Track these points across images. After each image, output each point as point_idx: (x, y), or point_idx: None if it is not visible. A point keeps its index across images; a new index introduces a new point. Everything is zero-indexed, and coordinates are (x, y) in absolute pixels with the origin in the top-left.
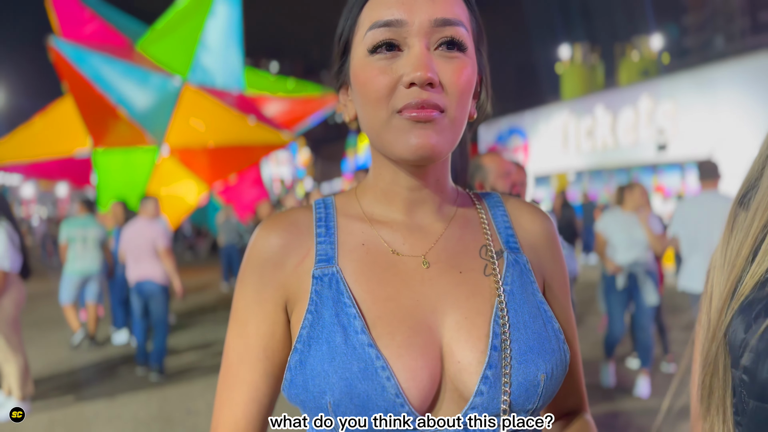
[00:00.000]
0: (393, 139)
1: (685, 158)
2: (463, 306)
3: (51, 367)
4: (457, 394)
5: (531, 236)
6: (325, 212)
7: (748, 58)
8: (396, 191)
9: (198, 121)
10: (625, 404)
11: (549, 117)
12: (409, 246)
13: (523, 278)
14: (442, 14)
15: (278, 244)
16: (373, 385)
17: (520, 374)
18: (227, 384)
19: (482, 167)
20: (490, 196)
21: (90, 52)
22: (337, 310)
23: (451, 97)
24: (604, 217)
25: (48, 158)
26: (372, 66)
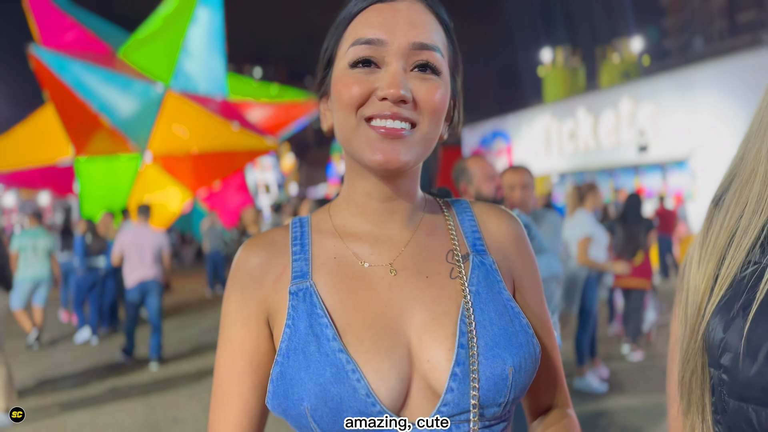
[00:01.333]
0: (361, 147)
1: (666, 159)
2: (430, 308)
3: (35, 377)
4: (430, 392)
5: (498, 238)
6: (300, 230)
7: (727, 60)
8: (368, 202)
9: (181, 127)
10: (610, 403)
11: (532, 120)
12: (377, 255)
13: (489, 278)
14: (420, 39)
15: (258, 263)
16: (344, 388)
17: (487, 369)
18: (218, 399)
19: (467, 171)
20: (458, 203)
21: (71, 59)
22: (311, 321)
23: (424, 113)
24: (585, 220)
25: (29, 167)
26: (350, 77)
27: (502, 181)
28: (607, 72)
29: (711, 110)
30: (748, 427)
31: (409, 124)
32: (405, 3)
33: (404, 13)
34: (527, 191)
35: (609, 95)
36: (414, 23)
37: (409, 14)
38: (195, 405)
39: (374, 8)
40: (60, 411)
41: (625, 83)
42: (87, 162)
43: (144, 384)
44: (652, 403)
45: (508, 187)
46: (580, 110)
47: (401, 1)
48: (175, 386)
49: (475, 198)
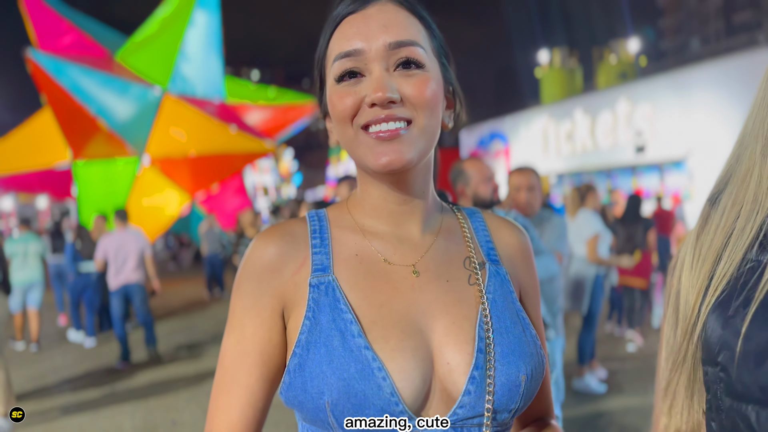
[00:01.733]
0: (363, 154)
1: (663, 160)
2: (450, 312)
3: (33, 381)
4: (446, 394)
5: (508, 249)
6: (319, 224)
7: (724, 61)
8: (384, 206)
9: (179, 130)
10: (608, 403)
11: (529, 121)
12: (400, 256)
13: (504, 288)
14: (396, 38)
15: (276, 253)
16: (369, 385)
17: (503, 375)
18: (223, 388)
19: (464, 173)
20: (470, 211)
21: (68, 63)
22: (334, 315)
23: (417, 108)
24: (592, 219)
25: (27, 171)
26: (340, 91)
27: (509, 182)
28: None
29: (708, 111)
30: (745, 426)
31: (404, 122)
32: (375, 7)
33: (376, 18)
34: (533, 193)
35: (606, 96)
36: (387, 24)
37: (381, 17)
38: (194, 408)
39: (347, 20)
40: (59, 415)
41: (622, 84)
42: (85, 166)
43: (143, 387)
44: (650, 404)
45: (513, 189)
46: (578, 111)
47: (372, 6)
48: (174, 389)
49: (473, 200)
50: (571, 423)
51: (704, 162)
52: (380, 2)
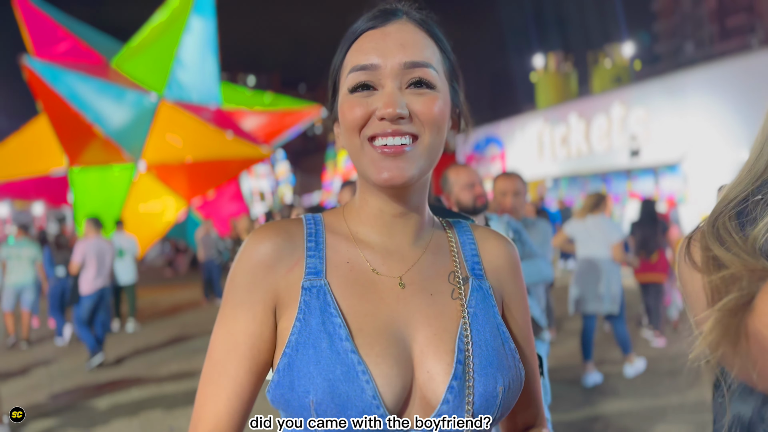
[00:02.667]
0: (366, 166)
1: (658, 163)
2: (432, 324)
3: (29, 393)
4: (425, 402)
5: (496, 261)
6: (315, 228)
7: (718, 64)
8: (380, 216)
9: (175, 136)
10: (605, 407)
11: (524, 125)
12: (388, 267)
13: (486, 302)
14: (411, 58)
15: (271, 249)
16: (353, 387)
17: (480, 386)
18: (212, 378)
19: (447, 180)
20: (460, 225)
21: (64, 70)
22: (324, 319)
23: (424, 126)
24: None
25: (23, 177)
26: (351, 101)
27: (494, 187)
28: (598, 77)
29: (702, 114)
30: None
31: (410, 138)
32: (395, 26)
33: (394, 36)
34: (519, 198)
35: (601, 100)
36: (404, 44)
37: (399, 36)
38: (191, 414)
39: (367, 35)
40: (57, 426)
41: (616, 88)
42: (81, 172)
43: (139, 393)
44: (646, 407)
45: (499, 193)
46: (573, 115)
47: (391, 25)
48: (172, 395)
49: (456, 206)
50: (566, 426)
51: (699, 165)
52: (400, 21)
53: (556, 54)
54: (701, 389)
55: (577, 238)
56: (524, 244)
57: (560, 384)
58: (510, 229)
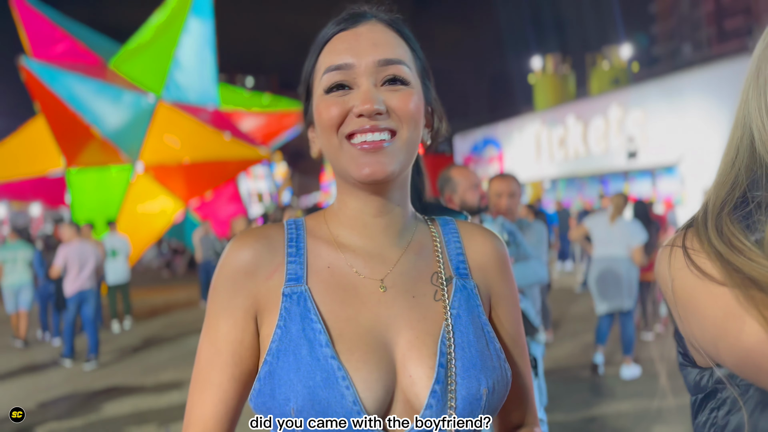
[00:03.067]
0: (347, 164)
1: (655, 165)
2: (414, 327)
3: (23, 394)
4: (409, 406)
5: (481, 259)
6: (296, 233)
7: (715, 66)
8: (360, 217)
9: (173, 137)
10: (601, 409)
11: (522, 127)
12: (369, 270)
13: (470, 302)
14: (385, 55)
15: (251, 256)
16: (333, 393)
17: (463, 389)
18: (197, 386)
19: (451, 180)
20: (445, 222)
21: (62, 71)
22: (304, 325)
23: (402, 120)
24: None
25: (21, 178)
26: (327, 101)
27: (490, 189)
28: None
29: (699, 116)
30: None
31: (388, 133)
32: (366, 26)
33: (366, 36)
34: (514, 199)
35: (598, 102)
36: (376, 43)
37: (371, 35)
38: None
39: (339, 36)
40: (52, 418)
41: (614, 90)
42: (78, 173)
43: (137, 393)
44: (642, 408)
45: (495, 195)
46: (570, 117)
47: (362, 25)
48: (168, 396)
49: (460, 206)
50: (563, 427)
51: (696, 167)
52: (370, 22)
53: (554, 56)
54: None
55: (597, 237)
56: (519, 246)
57: (557, 385)
58: (504, 231)
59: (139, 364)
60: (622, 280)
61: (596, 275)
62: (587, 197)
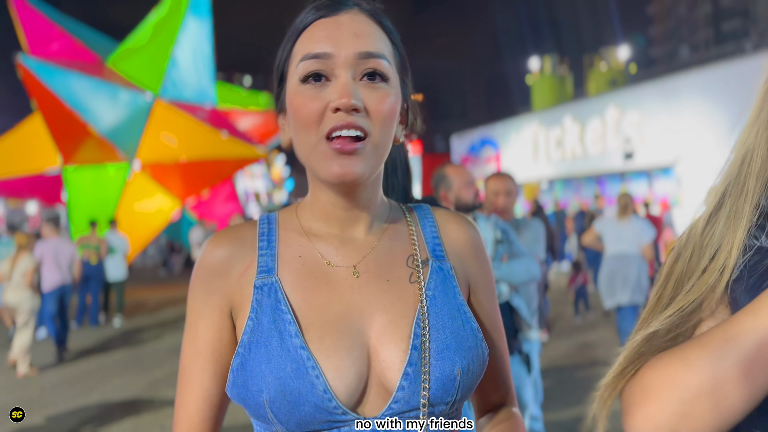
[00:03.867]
0: (318, 164)
1: (652, 166)
2: (388, 311)
3: (18, 388)
4: (383, 389)
5: (457, 244)
6: (267, 227)
7: (712, 68)
8: (332, 210)
9: (170, 136)
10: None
11: (519, 128)
12: (342, 257)
13: (446, 283)
14: (365, 48)
15: (223, 256)
16: (303, 383)
17: (437, 370)
18: (182, 386)
19: (446, 178)
20: (420, 208)
21: (59, 68)
22: (275, 316)
23: (375, 122)
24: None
25: (17, 176)
26: (303, 94)
27: (486, 187)
28: (594, 80)
29: (696, 117)
30: None
31: (362, 132)
32: (348, 15)
33: (348, 25)
34: (510, 198)
35: (595, 103)
36: (358, 34)
37: (353, 26)
38: None
39: (319, 23)
40: (44, 421)
41: (611, 91)
42: (75, 171)
43: (131, 391)
44: None
45: (492, 194)
46: (567, 118)
47: (344, 14)
48: (164, 394)
49: (455, 204)
50: (557, 426)
51: (692, 168)
52: (352, 11)
53: (551, 57)
54: None
55: (607, 237)
56: (511, 244)
57: (552, 384)
58: (497, 229)
59: (132, 359)
60: (631, 277)
61: (607, 272)
62: (584, 198)
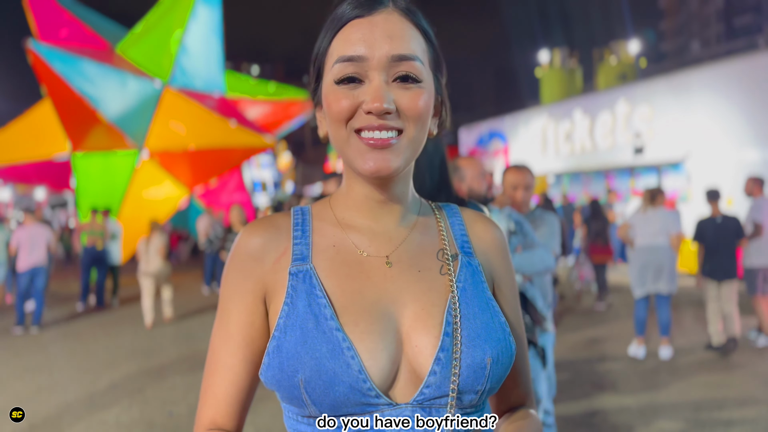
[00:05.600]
0: (353, 158)
1: (662, 161)
2: (420, 299)
3: (28, 368)
4: (414, 375)
5: (483, 243)
6: (302, 218)
7: (723, 63)
8: (364, 202)
9: (178, 124)
10: (603, 402)
11: (528, 121)
12: (375, 248)
13: (475, 278)
14: (399, 51)
15: (259, 243)
16: (339, 363)
17: (468, 357)
18: (211, 369)
19: (459, 169)
20: (448, 207)
21: (69, 54)
22: (310, 301)
23: (409, 120)
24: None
25: (26, 162)
26: (337, 93)
27: (504, 180)
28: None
29: (707, 113)
30: None
31: (395, 131)
32: (382, 15)
33: (381, 26)
34: (528, 192)
35: (605, 97)
36: (392, 36)
37: (386, 27)
38: (191, 400)
39: (353, 24)
40: (55, 406)
41: (621, 85)
42: (84, 157)
43: (139, 379)
44: (644, 403)
45: (510, 187)
46: (577, 112)
47: (378, 14)
48: (171, 381)
49: (468, 195)
50: (565, 420)
51: (702, 164)
52: (387, 10)
53: (561, 50)
54: (697, 387)
55: (637, 228)
56: (525, 236)
57: (559, 379)
58: (511, 221)
59: (140, 345)
60: (665, 267)
61: (639, 263)
62: (592, 192)
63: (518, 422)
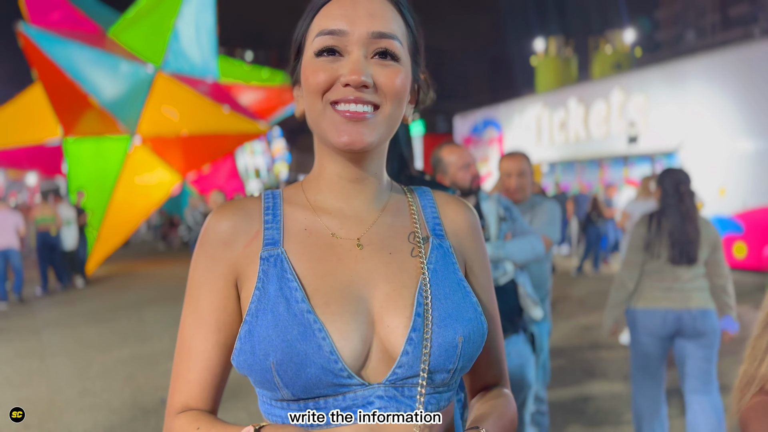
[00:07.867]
0: (327, 130)
1: (656, 150)
2: (391, 281)
3: (20, 353)
4: (387, 355)
5: (455, 225)
6: (272, 201)
7: (718, 53)
8: (337, 182)
9: (171, 109)
10: (593, 388)
11: (523, 109)
12: (346, 230)
13: (446, 260)
14: (379, 28)
15: (229, 227)
16: (310, 345)
17: (439, 336)
18: (183, 355)
19: (441, 161)
20: (421, 190)
21: (61, 38)
22: (281, 285)
23: (386, 96)
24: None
25: (17, 146)
26: (316, 64)
27: (500, 168)
28: (599, 63)
29: (701, 103)
30: None
31: (371, 106)
32: None
33: (364, 5)
34: (523, 178)
35: (600, 86)
36: (373, 14)
37: (369, 5)
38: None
39: (336, 1)
40: (46, 390)
41: (616, 74)
42: (75, 143)
43: (131, 365)
44: None
45: (504, 174)
46: (572, 100)
47: None
48: (163, 367)
49: (451, 187)
50: (558, 406)
51: (696, 154)
52: None
53: (556, 38)
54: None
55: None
56: (515, 221)
57: (552, 366)
58: (500, 206)
59: (133, 332)
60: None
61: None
62: (585, 181)
63: (492, 401)
